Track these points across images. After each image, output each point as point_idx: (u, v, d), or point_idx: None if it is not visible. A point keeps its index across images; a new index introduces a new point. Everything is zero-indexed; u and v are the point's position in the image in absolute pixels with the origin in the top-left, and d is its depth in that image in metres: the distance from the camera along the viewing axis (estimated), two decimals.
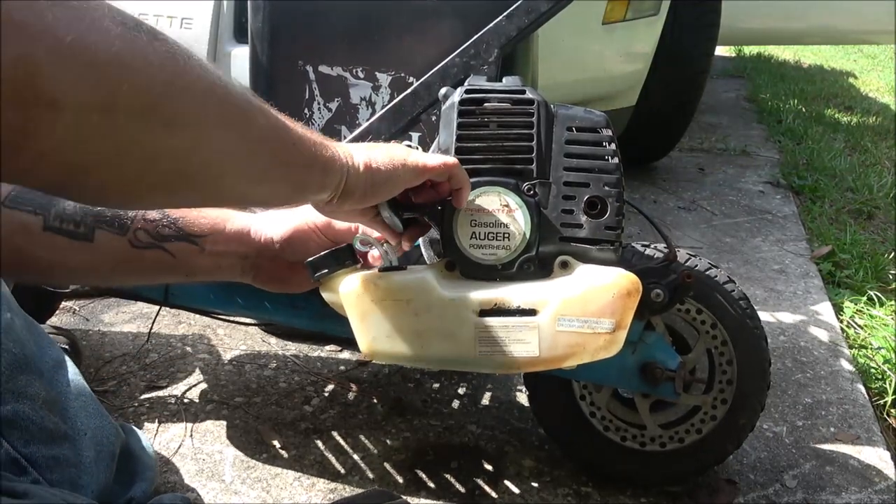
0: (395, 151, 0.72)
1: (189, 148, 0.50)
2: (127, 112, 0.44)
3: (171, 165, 0.49)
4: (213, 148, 0.52)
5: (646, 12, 2.14)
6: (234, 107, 0.53)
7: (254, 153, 0.56)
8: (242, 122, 0.54)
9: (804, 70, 5.43)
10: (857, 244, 2.09)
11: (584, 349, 0.80)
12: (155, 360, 1.35)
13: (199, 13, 1.68)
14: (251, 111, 0.55)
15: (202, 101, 0.49)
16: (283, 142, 0.59)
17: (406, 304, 0.80)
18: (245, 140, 0.55)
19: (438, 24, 1.05)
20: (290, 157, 0.60)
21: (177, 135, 0.48)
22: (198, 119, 0.49)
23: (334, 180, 0.66)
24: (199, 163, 0.51)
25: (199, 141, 0.50)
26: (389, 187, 0.72)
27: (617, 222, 0.82)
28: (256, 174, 0.58)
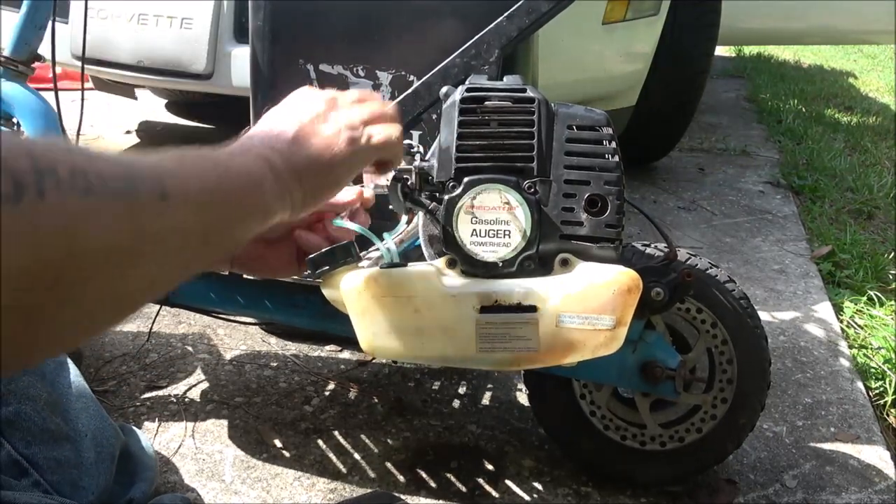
0: (326, 131, 0.64)
1: (97, 305, 0.44)
2: (15, 307, 0.38)
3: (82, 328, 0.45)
4: (126, 287, 0.45)
5: (646, 12, 2.14)
6: (144, 230, 0.44)
7: (177, 261, 0.49)
8: (158, 237, 0.46)
9: (804, 70, 5.43)
10: (857, 244, 2.09)
11: (584, 346, 0.80)
12: (155, 360, 1.35)
13: (199, 13, 1.69)
14: (165, 217, 0.46)
15: (104, 249, 0.42)
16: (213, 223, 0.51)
17: (407, 300, 0.80)
18: (166, 260, 0.47)
19: (439, 23, 1.05)
20: (223, 232, 0.53)
21: (79, 303, 0.42)
22: (103, 271, 0.43)
23: (278, 209, 0.58)
24: (112, 305, 0.46)
25: (105, 293, 0.44)
26: (347, 175, 0.65)
27: (617, 220, 0.82)
28: (184, 271, 0.51)
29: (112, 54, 1.76)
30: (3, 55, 1.16)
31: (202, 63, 1.69)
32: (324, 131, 0.63)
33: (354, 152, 0.65)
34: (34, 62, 1.19)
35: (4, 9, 1.68)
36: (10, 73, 1.16)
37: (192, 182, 0.49)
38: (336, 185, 0.65)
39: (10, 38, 1.16)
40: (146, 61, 1.73)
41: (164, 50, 1.71)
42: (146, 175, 0.45)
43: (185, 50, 1.70)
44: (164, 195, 0.45)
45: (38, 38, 1.18)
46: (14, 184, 0.37)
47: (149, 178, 0.45)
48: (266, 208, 0.57)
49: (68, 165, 0.40)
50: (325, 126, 0.64)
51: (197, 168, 0.51)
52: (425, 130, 1.06)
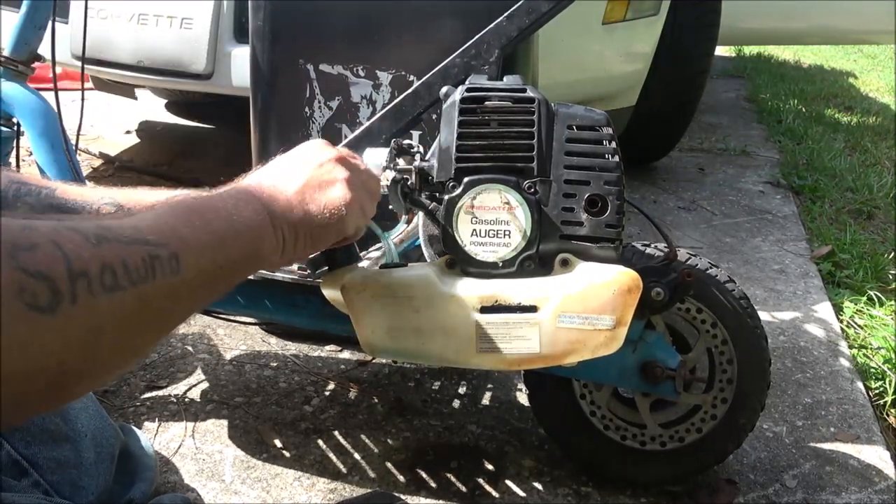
0: (332, 195, 0.69)
1: (105, 374, 0.49)
2: (40, 395, 0.42)
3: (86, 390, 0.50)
4: (135, 352, 0.51)
5: (646, 12, 2.14)
6: (158, 308, 0.50)
7: (180, 315, 0.55)
8: (165, 311, 0.51)
9: (804, 70, 5.43)
10: (857, 244, 2.09)
11: (584, 346, 0.80)
12: (155, 360, 1.35)
13: (199, 13, 1.68)
14: (178, 290, 0.51)
15: (120, 335, 0.47)
16: (215, 276, 0.56)
17: (407, 300, 0.80)
18: (170, 318, 0.53)
19: (439, 23, 1.05)
20: (220, 280, 0.58)
21: (92, 376, 0.47)
22: (114, 349, 0.47)
23: (270, 256, 0.64)
24: (123, 366, 0.51)
25: (118, 363, 0.50)
26: (329, 240, 0.71)
27: (617, 220, 0.82)
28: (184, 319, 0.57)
29: (112, 54, 1.76)
30: (3, 55, 1.16)
31: (202, 63, 1.69)
32: (329, 196, 0.69)
33: (345, 222, 0.70)
34: (34, 62, 1.19)
35: (4, 9, 1.68)
36: (10, 72, 1.16)
37: (201, 250, 0.54)
38: (324, 243, 0.71)
39: (10, 37, 1.16)
40: (146, 61, 1.73)
41: (164, 50, 1.71)
42: (164, 254, 0.50)
43: (185, 50, 1.70)
44: (178, 271, 0.50)
45: (38, 37, 1.18)
46: (51, 292, 0.40)
47: (166, 258, 0.50)
48: (261, 258, 0.63)
49: (99, 263, 0.44)
50: (332, 192, 0.69)
51: (206, 227, 0.56)
52: (425, 130, 1.06)
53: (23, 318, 0.39)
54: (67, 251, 0.42)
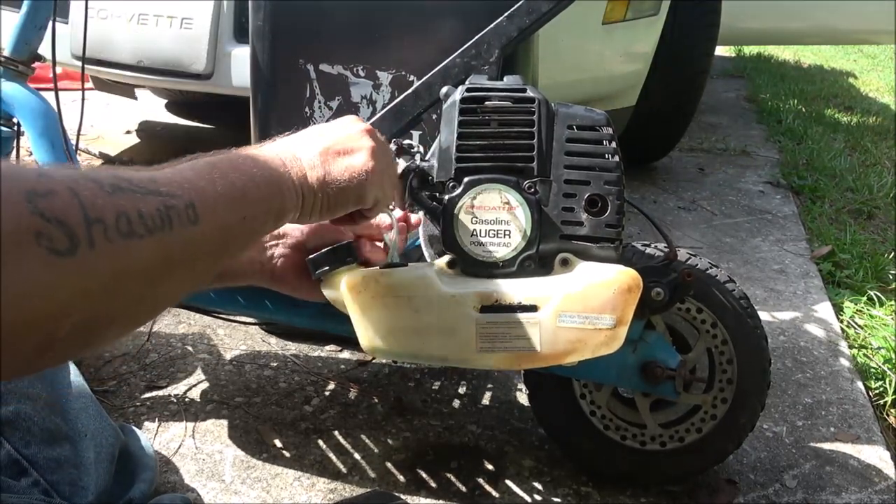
0: (355, 161, 0.70)
1: (132, 321, 0.51)
2: (66, 338, 0.44)
3: (114, 339, 0.52)
4: (155, 304, 0.53)
5: (646, 12, 2.14)
6: (176, 258, 0.51)
7: (202, 271, 0.56)
8: (187, 262, 0.52)
9: (804, 70, 5.43)
10: (857, 244, 2.09)
11: (584, 345, 0.80)
12: (155, 360, 1.35)
13: (199, 13, 1.68)
14: (195, 240, 0.52)
15: (143, 284, 0.48)
16: (234, 230, 0.57)
17: (407, 300, 0.80)
18: (190, 271, 0.54)
19: (439, 23, 1.05)
20: (241, 234, 0.59)
21: (117, 323, 0.48)
22: (138, 303, 0.49)
23: (290, 211, 0.66)
24: (143, 317, 0.53)
25: (139, 314, 0.51)
26: (347, 205, 0.71)
27: (617, 220, 0.82)
28: (205, 277, 0.58)
29: (112, 54, 1.76)
30: (4, 55, 1.16)
31: (202, 63, 1.69)
32: (353, 162, 0.70)
33: (365, 189, 0.71)
34: (34, 62, 1.19)
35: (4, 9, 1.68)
36: (11, 73, 1.16)
37: (220, 202, 0.55)
38: (343, 208, 0.71)
39: (11, 38, 1.16)
40: (146, 61, 1.73)
41: (164, 50, 1.71)
42: (180, 204, 0.50)
43: (185, 50, 1.70)
44: (196, 220, 0.51)
45: (38, 38, 1.18)
46: (69, 237, 0.42)
47: (182, 207, 0.50)
48: (282, 213, 0.64)
49: (114, 210, 0.45)
50: (356, 157, 0.70)
51: (226, 181, 0.57)
52: (425, 130, 1.06)
53: (44, 261, 0.40)
54: (83, 198, 0.44)
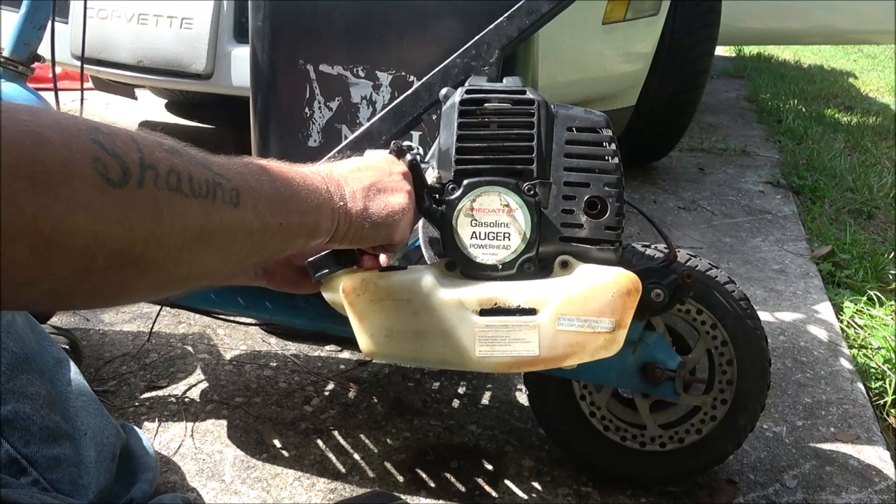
0: (393, 201, 0.74)
1: (164, 279, 0.51)
2: (103, 270, 0.45)
3: (145, 294, 0.53)
4: (190, 270, 0.53)
5: (646, 12, 2.14)
6: (215, 229, 0.53)
7: (235, 255, 0.58)
8: (225, 236, 0.55)
9: (804, 70, 5.43)
10: (857, 244, 2.10)
11: (584, 348, 0.80)
12: (155, 360, 1.35)
13: (199, 13, 1.68)
14: (235, 221, 0.55)
15: (181, 239, 0.50)
16: (270, 229, 0.60)
17: (406, 303, 0.80)
18: (226, 251, 0.56)
19: (439, 24, 1.05)
20: (275, 238, 0.62)
21: (152, 272, 0.49)
22: (175, 255, 0.50)
23: (323, 233, 0.69)
24: (176, 282, 0.54)
25: (175, 272, 0.52)
26: (376, 239, 0.75)
27: (617, 222, 0.82)
28: (236, 264, 0.60)
29: (112, 54, 1.76)
30: (3, 55, 1.16)
31: (202, 63, 1.69)
32: (391, 200, 0.74)
33: (396, 229, 0.75)
34: (34, 62, 1.19)
35: (4, 9, 1.68)
36: (10, 73, 1.16)
37: (262, 199, 0.58)
38: (372, 241, 0.75)
39: (10, 38, 1.16)
40: (146, 61, 1.73)
41: (164, 50, 1.71)
42: (227, 185, 0.54)
43: (185, 50, 1.70)
44: (237, 203, 0.55)
45: (37, 38, 1.18)
46: (122, 171, 0.45)
47: (228, 189, 0.54)
48: (315, 232, 0.67)
49: (168, 165, 0.49)
50: (395, 197, 0.74)
51: (272, 185, 0.60)
52: (425, 132, 1.06)
53: (95, 185, 0.43)
54: (142, 146, 0.47)
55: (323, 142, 1.11)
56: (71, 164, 0.42)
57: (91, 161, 0.43)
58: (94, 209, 0.43)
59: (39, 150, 0.41)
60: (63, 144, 0.42)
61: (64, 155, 0.42)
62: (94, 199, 0.43)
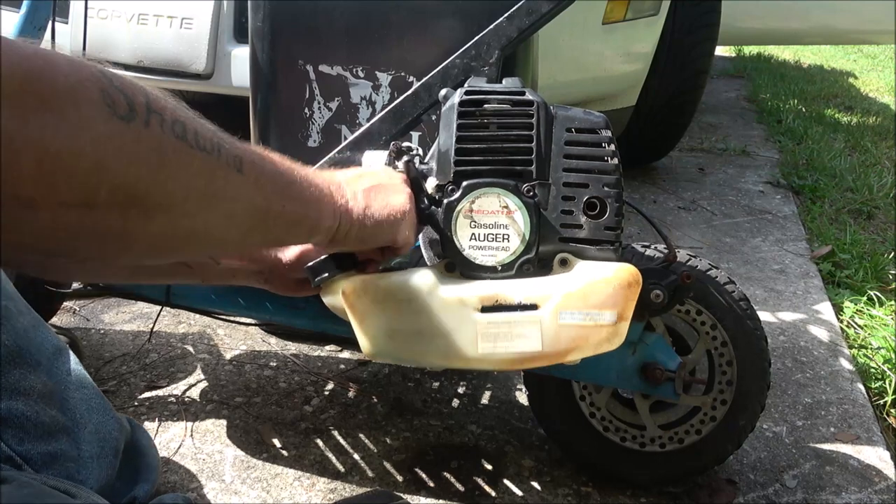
0: (394, 201, 0.75)
1: (168, 232, 0.51)
2: (107, 206, 0.45)
3: (149, 246, 0.51)
4: (194, 227, 0.53)
5: (646, 12, 2.14)
6: (220, 187, 0.53)
7: (238, 225, 0.57)
8: (228, 198, 0.55)
9: (804, 70, 5.43)
10: (857, 244, 2.10)
11: (586, 342, 0.80)
12: (155, 360, 1.35)
13: (199, 13, 1.68)
14: (238, 185, 0.55)
15: (185, 188, 0.50)
16: (272, 209, 0.60)
17: (407, 303, 0.80)
18: (230, 216, 0.56)
19: (439, 24, 1.05)
20: (277, 221, 0.62)
21: (157, 220, 0.49)
22: (180, 205, 0.50)
23: (324, 231, 0.69)
24: (180, 239, 0.53)
25: (179, 224, 0.51)
26: (379, 240, 0.75)
27: (616, 223, 0.82)
28: (239, 239, 0.60)
29: (112, 54, 1.76)
30: None
31: (202, 63, 1.69)
32: (392, 200, 0.75)
33: (398, 230, 0.76)
34: None
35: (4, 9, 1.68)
36: None
37: (265, 175, 0.58)
38: (374, 243, 0.76)
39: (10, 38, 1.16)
40: (146, 61, 1.73)
41: (164, 50, 1.71)
42: (231, 150, 0.54)
43: (185, 50, 1.70)
44: (240, 170, 0.55)
45: (38, 38, 1.18)
46: (129, 106, 0.45)
47: (232, 154, 0.54)
48: (316, 228, 0.67)
49: (173, 114, 0.49)
50: (396, 198, 0.76)
51: (273, 167, 0.61)
52: (424, 132, 1.06)
53: (102, 115, 0.43)
54: (149, 93, 0.48)
55: (322, 142, 1.11)
56: (79, 89, 0.43)
57: (99, 91, 0.44)
58: (99, 135, 0.43)
59: (49, 71, 0.41)
60: (72, 71, 0.43)
61: (73, 79, 0.42)
62: (100, 126, 0.43)
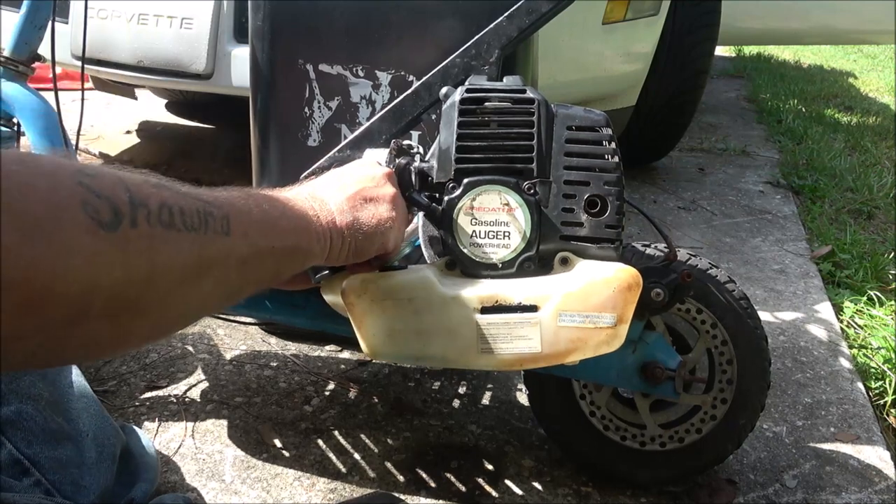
0: (381, 210, 0.74)
1: (160, 322, 0.51)
2: (98, 318, 0.44)
3: (141, 340, 0.52)
4: (187, 304, 0.53)
5: (646, 12, 2.14)
6: (209, 259, 0.53)
7: (230, 284, 0.57)
8: (219, 265, 0.54)
9: (804, 70, 5.43)
10: (857, 244, 2.09)
11: (586, 344, 0.80)
12: (155, 360, 1.35)
13: (199, 13, 1.68)
14: (227, 249, 0.55)
15: (176, 275, 0.50)
16: (262, 253, 0.60)
17: (407, 302, 0.80)
18: (221, 281, 0.55)
19: (439, 23, 1.05)
20: (267, 262, 0.61)
21: (149, 315, 0.49)
22: (173, 292, 0.50)
23: (317, 255, 0.69)
24: (171, 321, 0.53)
25: (170, 310, 0.51)
26: (371, 251, 0.75)
27: (617, 221, 0.82)
28: (233, 294, 0.59)
29: (112, 54, 1.76)
30: (4, 55, 1.16)
31: (202, 63, 1.69)
32: (379, 209, 0.74)
33: (388, 237, 0.75)
34: (34, 62, 1.19)
35: (4, 9, 1.68)
36: (11, 73, 1.16)
37: (253, 225, 0.58)
38: (368, 253, 0.75)
39: (11, 38, 1.16)
40: (146, 61, 1.73)
41: (164, 50, 1.71)
42: (217, 214, 0.54)
43: (185, 50, 1.70)
44: (228, 232, 0.54)
45: (38, 38, 1.17)
46: (113, 212, 0.44)
47: (219, 217, 0.54)
48: (310, 253, 0.67)
49: (158, 200, 0.48)
50: (381, 202, 0.75)
51: (260, 209, 0.61)
52: (425, 131, 1.06)
53: (86, 229, 0.42)
54: (129, 184, 0.47)
55: (322, 141, 1.11)
56: (60, 210, 0.41)
57: (80, 205, 0.42)
58: (88, 253, 0.42)
59: (25, 201, 0.40)
60: (49, 191, 0.41)
61: (52, 202, 0.41)
62: (88, 244, 0.42)
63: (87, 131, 2.68)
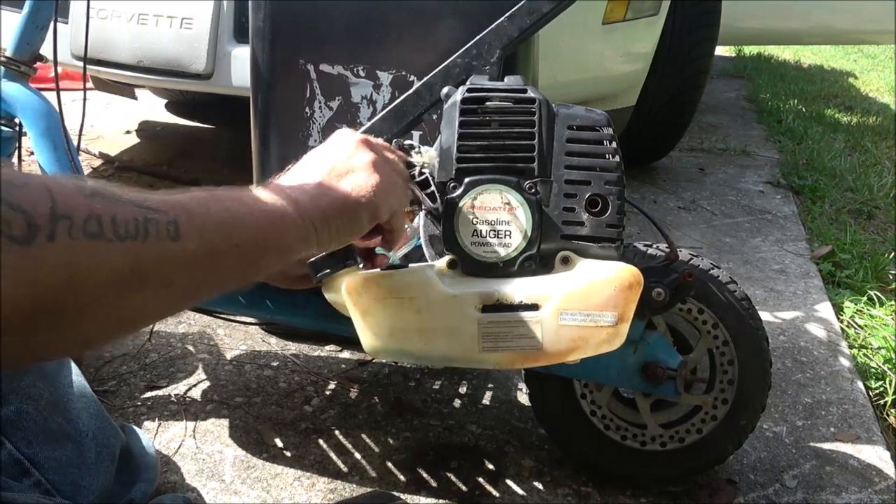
0: (357, 178, 0.69)
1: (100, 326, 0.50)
2: (17, 330, 0.44)
3: (86, 341, 0.51)
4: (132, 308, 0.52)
5: (646, 12, 2.14)
6: (147, 266, 0.51)
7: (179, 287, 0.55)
8: (161, 276, 0.52)
9: (804, 70, 5.43)
10: (857, 244, 2.10)
11: (587, 343, 0.80)
12: (155, 360, 1.35)
13: (199, 13, 1.68)
14: (172, 253, 0.53)
15: (106, 283, 0.48)
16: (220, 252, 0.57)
17: (408, 301, 0.80)
18: (167, 285, 0.53)
19: (440, 23, 1.05)
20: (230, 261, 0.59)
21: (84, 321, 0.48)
22: (104, 299, 0.49)
23: (299, 245, 0.65)
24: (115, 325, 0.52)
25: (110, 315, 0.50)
26: (361, 225, 0.71)
27: (618, 220, 0.82)
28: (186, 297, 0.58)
29: (112, 54, 1.76)
30: (5, 55, 1.16)
31: (202, 63, 1.69)
32: (354, 175, 0.69)
33: (377, 206, 0.70)
34: (36, 62, 1.19)
35: (6, 9, 1.68)
36: (12, 73, 1.16)
37: (209, 225, 0.55)
38: (360, 228, 0.71)
39: (12, 38, 1.16)
40: (146, 61, 1.73)
41: (164, 50, 1.71)
42: (162, 219, 0.51)
43: (185, 50, 1.69)
44: (175, 236, 0.52)
45: (40, 38, 1.17)
46: (28, 226, 0.42)
47: (164, 222, 0.51)
48: (286, 247, 0.63)
49: (85, 211, 0.46)
50: (357, 171, 0.70)
51: (221, 207, 0.57)
52: (426, 131, 1.06)
53: None
54: (55, 195, 0.45)
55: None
56: None
57: None
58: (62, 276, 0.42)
59: None
60: None
61: None
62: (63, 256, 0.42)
63: (87, 131, 2.67)
